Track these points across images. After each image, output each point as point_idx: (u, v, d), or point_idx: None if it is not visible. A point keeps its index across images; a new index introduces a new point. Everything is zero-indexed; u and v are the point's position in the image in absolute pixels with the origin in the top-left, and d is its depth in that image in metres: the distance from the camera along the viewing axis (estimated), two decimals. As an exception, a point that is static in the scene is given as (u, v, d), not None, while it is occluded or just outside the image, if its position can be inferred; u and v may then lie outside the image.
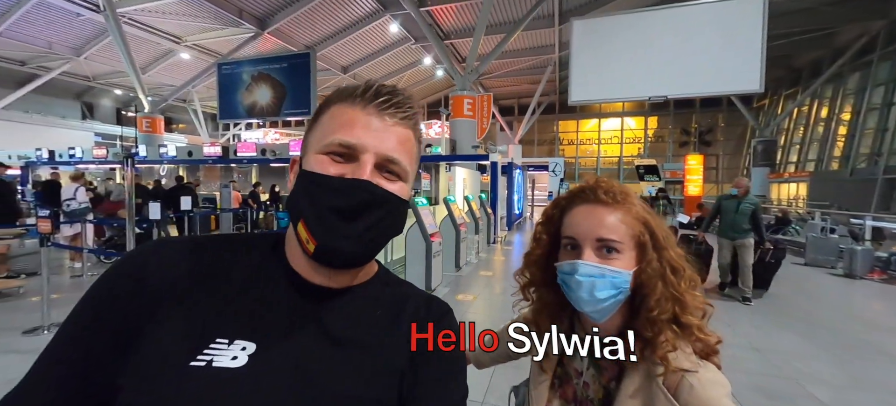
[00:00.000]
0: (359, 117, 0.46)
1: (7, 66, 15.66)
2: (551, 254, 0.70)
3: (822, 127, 18.32)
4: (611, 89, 9.41)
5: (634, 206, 0.65)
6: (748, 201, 4.63)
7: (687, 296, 0.62)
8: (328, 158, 0.45)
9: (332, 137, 0.45)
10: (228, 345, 0.42)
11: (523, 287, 0.76)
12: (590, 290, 0.62)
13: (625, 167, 27.36)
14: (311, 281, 0.48)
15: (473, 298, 4.68)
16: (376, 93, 0.47)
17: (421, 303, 0.54)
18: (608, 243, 0.62)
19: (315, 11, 12.49)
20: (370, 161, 0.46)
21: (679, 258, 0.65)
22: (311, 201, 0.45)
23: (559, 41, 15.62)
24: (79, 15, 11.46)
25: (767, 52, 8.01)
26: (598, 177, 0.71)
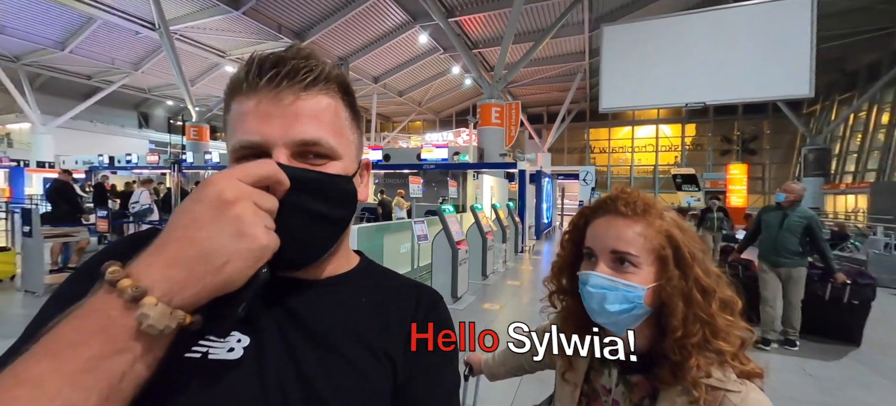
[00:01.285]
0: (251, 108, 0.39)
1: (76, 81, 17.36)
2: (575, 262, 0.70)
3: (883, 134, 16.79)
4: (644, 96, 9.12)
5: (658, 220, 0.62)
6: (799, 213, 3.36)
7: (719, 319, 0.58)
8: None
9: (233, 141, 0.40)
10: (223, 339, 0.39)
11: (550, 294, 0.76)
12: (600, 301, 0.61)
13: (661, 176, 26.24)
14: (301, 277, 0.45)
15: (500, 308, 4.64)
16: (259, 69, 0.39)
17: (410, 292, 0.51)
18: (623, 256, 0.61)
19: (348, 25, 12.99)
20: (282, 155, 0.39)
21: (711, 277, 0.60)
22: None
23: (589, 48, 15.34)
24: (137, 33, 12.56)
25: (818, 54, 7.50)
26: (622, 188, 0.70)
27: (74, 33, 13.16)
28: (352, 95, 0.47)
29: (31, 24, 12.44)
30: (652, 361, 0.61)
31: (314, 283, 0.46)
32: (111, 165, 15.83)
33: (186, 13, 11.95)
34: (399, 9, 12.52)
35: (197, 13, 11.85)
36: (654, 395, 0.61)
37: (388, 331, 0.46)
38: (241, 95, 0.40)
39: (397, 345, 0.46)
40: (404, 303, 0.49)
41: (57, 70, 16.34)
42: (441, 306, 0.52)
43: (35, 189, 13.70)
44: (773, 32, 7.70)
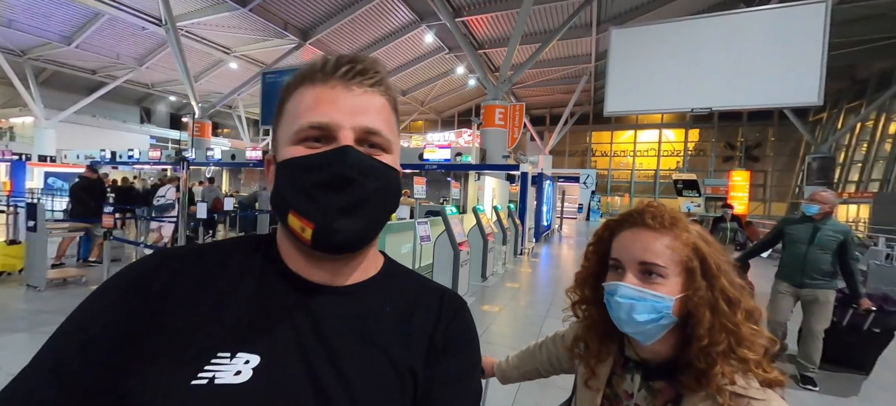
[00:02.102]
0: (325, 94, 0.43)
1: (80, 75, 17.42)
2: (600, 273, 0.72)
3: (889, 144, 16.68)
4: (650, 100, 9.06)
5: (685, 232, 0.65)
6: (833, 227, 2.90)
7: (743, 328, 0.60)
8: (302, 147, 0.42)
9: (301, 123, 0.42)
10: (231, 359, 0.38)
11: (574, 304, 0.78)
12: (629, 311, 0.63)
13: (661, 181, 26.16)
14: (313, 280, 0.45)
15: (499, 310, 4.60)
16: (337, 63, 0.44)
17: (433, 298, 0.50)
18: (651, 268, 0.63)
19: (354, 23, 12.99)
20: (349, 137, 0.42)
21: (735, 288, 0.63)
22: (295, 186, 0.42)
23: (596, 50, 15.29)
24: (143, 28, 12.58)
25: (828, 61, 7.43)
26: (650, 201, 0.72)
27: (81, 28, 13.20)
28: (396, 102, 0.51)
29: (39, 18, 12.49)
30: (676, 368, 0.64)
31: (337, 290, 0.46)
32: (113, 160, 15.87)
33: (193, 10, 11.97)
34: (406, 8, 12.51)
35: (204, 10, 11.87)
36: (676, 401, 0.63)
37: (410, 343, 0.46)
38: (313, 84, 0.44)
39: (419, 355, 0.45)
40: (427, 310, 0.49)
41: (62, 64, 16.40)
42: (464, 314, 0.52)
43: (36, 183, 13.74)
44: (785, 39, 7.62)
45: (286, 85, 0.46)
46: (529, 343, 1.00)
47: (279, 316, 0.42)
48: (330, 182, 0.41)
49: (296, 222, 0.42)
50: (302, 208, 0.42)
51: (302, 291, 0.44)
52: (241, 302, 0.42)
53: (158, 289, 0.41)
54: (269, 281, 0.44)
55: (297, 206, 0.42)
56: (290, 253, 0.46)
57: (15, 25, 12.74)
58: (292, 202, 0.42)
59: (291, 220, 0.42)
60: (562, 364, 0.91)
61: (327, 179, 0.41)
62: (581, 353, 0.76)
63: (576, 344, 0.78)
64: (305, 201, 0.41)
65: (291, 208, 0.42)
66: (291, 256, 0.46)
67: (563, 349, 0.88)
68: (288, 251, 0.46)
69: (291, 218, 0.42)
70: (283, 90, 0.46)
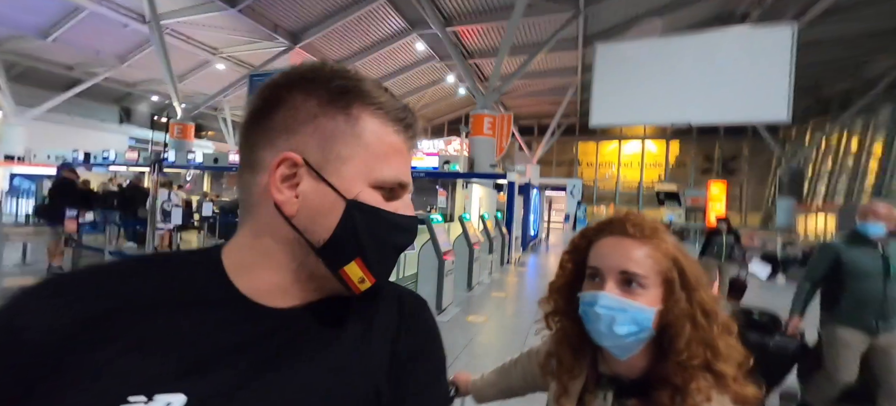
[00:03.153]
0: (404, 152, 0.44)
1: (56, 71, 16.76)
2: (575, 283, 0.69)
3: (852, 159, 17.63)
4: (633, 113, 9.37)
5: (664, 243, 0.63)
6: None
7: (720, 341, 0.59)
8: (381, 194, 0.42)
9: (390, 174, 0.42)
10: (147, 402, 0.32)
11: (547, 315, 0.75)
12: (609, 323, 0.60)
13: (645, 192, 26.87)
14: (270, 305, 0.40)
15: (485, 320, 4.64)
16: (416, 133, 0.45)
17: (392, 303, 0.47)
18: (632, 277, 0.61)
19: (346, 29, 12.98)
20: (408, 199, 0.45)
21: (712, 301, 0.62)
22: (378, 240, 0.41)
23: (582, 64, 15.68)
24: (126, 25, 12.24)
25: (795, 80, 7.86)
26: (629, 210, 0.71)
27: (59, 22, 12.74)
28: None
29: (14, 9, 11.99)
30: (649, 384, 0.62)
31: (291, 312, 0.41)
32: (86, 162, 15.24)
33: (180, 8, 11.73)
34: (398, 16, 12.58)
35: (191, 8, 11.65)
36: None
37: (371, 359, 0.43)
38: (396, 131, 0.43)
39: (382, 371, 0.42)
40: (387, 316, 0.46)
41: (37, 59, 15.75)
42: (425, 315, 0.49)
43: (0, 183, 13.05)
44: (755, 58, 8.03)
45: (355, 88, 0.40)
46: (515, 354, 0.97)
47: (215, 345, 0.36)
48: (403, 247, 0.43)
49: (357, 272, 0.40)
50: (373, 262, 0.40)
51: (251, 317, 0.39)
52: (163, 332, 0.36)
53: (34, 339, 0.33)
54: (207, 304, 0.38)
55: (371, 258, 0.40)
56: (254, 276, 0.40)
57: (-14, 17, 12.21)
58: (367, 252, 0.40)
59: (352, 268, 0.40)
60: (535, 381, 0.87)
61: (404, 244, 0.43)
62: (553, 370, 0.73)
63: (548, 360, 0.75)
64: (380, 257, 0.41)
65: (362, 258, 0.40)
66: (258, 280, 0.40)
67: (536, 366, 0.84)
68: (251, 274, 0.40)
69: (355, 266, 0.40)
70: (352, 95, 0.40)
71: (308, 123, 0.39)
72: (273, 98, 0.40)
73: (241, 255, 0.41)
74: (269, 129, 0.40)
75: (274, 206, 0.39)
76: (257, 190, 0.40)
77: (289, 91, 0.40)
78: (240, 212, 0.44)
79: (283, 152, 0.39)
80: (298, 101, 0.40)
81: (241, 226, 0.43)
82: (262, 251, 0.41)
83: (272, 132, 0.40)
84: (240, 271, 0.41)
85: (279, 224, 0.40)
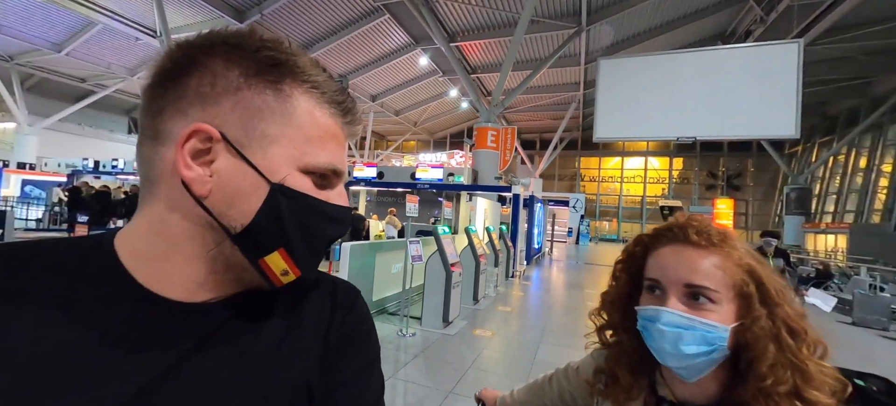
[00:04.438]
0: (340, 137, 0.40)
1: (69, 83, 17.13)
2: (632, 295, 0.62)
3: (860, 177, 17.50)
4: (637, 128, 9.38)
5: (735, 251, 0.56)
6: None
7: (811, 364, 0.51)
8: (311, 180, 0.37)
9: (323, 159, 0.37)
10: None
11: (599, 329, 0.68)
12: (674, 342, 0.54)
13: (648, 207, 26.73)
14: (180, 299, 0.35)
15: (491, 334, 4.54)
16: (355, 118, 0.41)
17: (324, 292, 0.45)
18: (700, 291, 0.54)
19: (351, 43, 13.22)
20: (341, 188, 0.41)
21: (799, 317, 0.54)
22: (305, 230, 0.37)
23: (584, 79, 15.84)
24: (137, 39, 12.54)
25: (802, 98, 7.87)
26: (690, 214, 0.62)
27: (73, 36, 13.08)
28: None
29: (30, 24, 12.34)
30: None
31: (209, 307, 0.36)
32: (96, 170, 15.44)
33: (189, 23, 12.02)
34: (402, 31, 12.81)
35: (200, 23, 11.93)
36: None
37: (301, 351, 0.39)
38: (332, 113, 0.39)
39: (313, 364, 0.40)
40: (319, 307, 0.43)
41: (50, 71, 16.13)
42: (359, 305, 0.46)
43: (12, 191, 13.22)
44: (762, 75, 8.07)
45: (286, 64, 0.36)
46: (523, 370, 0.92)
47: (110, 351, 0.31)
48: (333, 239, 0.40)
49: (279, 263, 0.36)
50: (299, 254, 0.37)
51: (164, 315, 0.34)
52: (49, 334, 0.31)
53: None
54: (98, 300, 0.33)
55: (295, 249, 0.36)
56: (158, 267, 0.35)
57: (4, 31, 12.55)
58: (291, 242, 0.36)
59: (274, 259, 0.36)
60: (576, 400, 0.79)
61: (334, 236, 0.39)
62: (605, 389, 0.66)
63: (597, 377, 0.68)
64: (306, 249, 0.37)
65: (285, 248, 0.36)
66: (164, 273, 0.35)
67: (577, 384, 0.77)
68: (154, 265, 0.35)
69: (276, 257, 0.36)
70: (283, 71, 0.36)
71: (229, 95, 0.34)
72: (186, 60, 0.35)
73: (139, 243, 0.36)
74: (179, 97, 0.34)
75: (181, 185, 0.34)
76: (161, 165, 0.35)
77: (206, 55, 0.35)
78: (140, 192, 0.38)
79: (195, 123, 0.33)
80: (218, 68, 0.34)
81: (139, 207, 0.37)
82: (167, 238, 0.35)
83: (182, 100, 0.34)
84: (139, 261, 0.35)
85: (188, 206, 0.34)
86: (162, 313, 0.34)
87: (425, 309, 4.59)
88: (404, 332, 4.11)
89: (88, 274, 0.34)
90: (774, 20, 11.09)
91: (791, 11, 10.77)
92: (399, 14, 11.82)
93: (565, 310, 6.19)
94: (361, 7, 11.52)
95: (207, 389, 0.34)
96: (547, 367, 3.45)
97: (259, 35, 0.36)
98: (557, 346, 4.29)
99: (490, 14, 11.61)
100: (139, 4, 10.94)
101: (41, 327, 0.31)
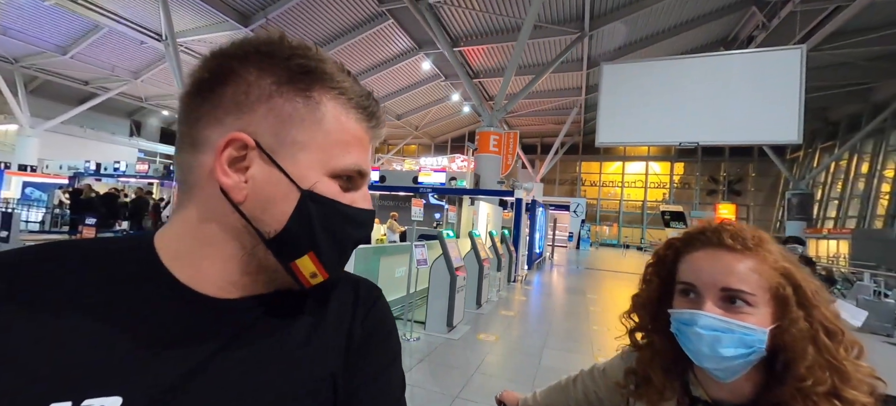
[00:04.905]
0: (365, 139, 0.41)
1: (72, 85, 17.20)
2: (664, 298, 0.63)
3: (862, 183, 17.50)
4: (640, 133, 9.39)
5: (771, 254, 0.56)
6: None
7: (848, 365, 0.52)
8: (337, 183, 0.39)
9: (349, 162, 0.39)
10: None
11: (631, 331, 0.69)
12: (712, 344, 0.54)
13: (649, 212, 26.70)
14: (219, 296, 0.37)
15: (495, 339, 4.52)
16: (380, 121, 0.42)
17: (347, 289, 0.46)
18: (736, 294, 0.54)
19: (354, 47, 13.28)
20: (366, 190, 0.42)
21: (835, 318, 0.55)
22: (333, 234, 0.38)
23: (586, 84, 15.88)
24: (142, 42, 12.60)
25: (804, 103, 7.88)
26: (723, 218, 0.64)
27: (78, 39, 13.15)
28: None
29: (35, 27, 12.41)
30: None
31: (242, 303, 0.38)
32: (97, 172, 15.46)
33: (195, 27, 12.09)
34: (406, 36, 12.87)
35: (205, 27, 12.00)
36: None
37: (327, 345, 0.41)
38: (358, 118, 0.40)
39: (338, 357, 0.41)
40: (342, 304, 0.45)
41: (54, 74, 16.20)
42: (381, 303, 0.48)
43: (13, 192, 13.23)
44: (765, 80, 8.09)
45: (316, 70, 0.37)
46: (529, 375, 0.91)
47: (153, 340, 0.33)
48: (358, 241, 0.41)
49: (309, 266, 0.37)
50: (328, 257, 0.38)
51: (198, 310, 0.36)
52: (91, 327, 0.32)
53: None
54: (144, 297, 0.35)
55: (325, 253, 0.38)
56: (196, 266, 0.37)
57: (9, 33, 12.61)
58: (321, 246, 0.38)
59: (304, 262, 0.37)
60: (602, 402, 0.80)
61: (359, 239, 0.41)
62: (636, 390, 0.67)
63: (628, 378, 0.69)
64: (335, 252, 0.39)
65: (315, 252, 0.37)
66: (201, 271, 0.37)
67: (605, 385, 0.77)
68: (194, 264, 0.37)
69: (307, 260, 0.37)
70: (312, 78, 0.37)
71: (262, 103, 0.36)
72: (222, 70, 0.36)
73: (180, 243, 0.38)
74: (215, 106, 0.36)
75: (220, 191, 0.36)
76: (200, 172, 0.36)
77: (241, 63, 0.36)
78: (178, 195, 0.40)
79: (231, 132, 0.35)
80: (252, 77, 0.36)
81: (178, 210, 0.39)
82: (206, 239, 0.37)
83: (218, 109, 0.36)
84: (179, 260, 0.37)
85: (226, 211, 0.36)
86: (201, 308, 0.36)
87: (429, 313, 4.58)
88: (408, 337, 4.10)
89: (130, 271, 0.36)
90: (777, 26, 11.12)
91: (793, 18, 10.81)
92: (403, 19, 11.88)
93: (568, 315, 6.16)
94: (365, 12, 11.59)
95: (241, 380, 0.35)
96: (552, 372, 3.41)
97: (288, 42, 0.37)
98: (562, 350, 4.27)
99: (493, 19, 11.66)
100: (145, 8, 11.01)
101: (85, 321, 0.32)
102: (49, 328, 0.31)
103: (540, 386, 0.91)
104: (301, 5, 10.98)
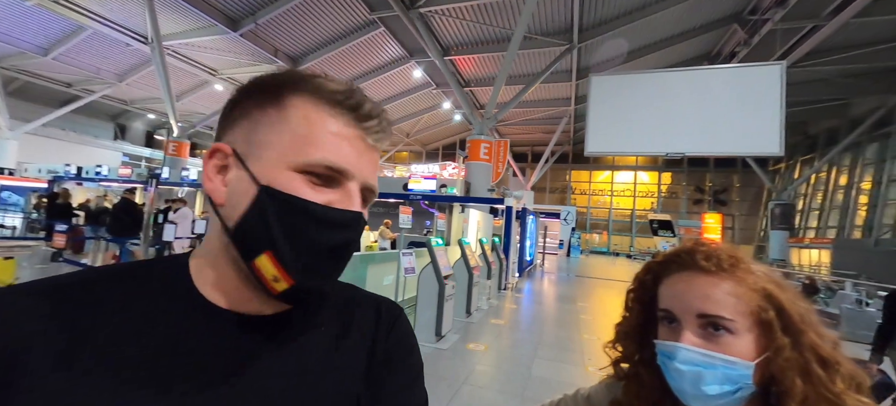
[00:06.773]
0: (347, 135, 0.38)
1: (54, 87, 16.77)
2: (647, 326, 0.59)
3: (841, 194, 18.05)
4: (628, 143, 9.53)
5: (750, 275, 0.51)
6: None
7: (848, 399, 0.46)
8: (304, 179, 0.37)
9: (316, 156, 0.37)
10: None
11: (615, 362, 0.64)
12: (694, 382, 0.49)
13: (638, 221, 27.07)
14: (237, 311, 0.38)
15: (485, 348, 4.47)
16: (368, 114, 0.40)
17: (369, 309, 0.47)
18: (715, 320, 0.49)
19: (345, 54, 13.26)
20: (357, 191, 0.39)
21: (829, 345, 0.49)
22: (294, 233, 0.36)
23: (575, 94, 16.12)
24: (128, 45, 12.38)
25: (785, 117, 8.11)
26: (697, 238, 0.59)
27: (61, 40, 12.86)
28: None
29: (15, 27, 12.10)
30: None
31: (266, 320, 0.39)
32: (78, 176, 15.03)
33: (182, 30, 11.93)
34: (397, 44, 12.91)
35: (193, 31, 11.85)
36: None
37: (349, 365, 0.42)
38: (332, 112, 0.39)
39: (359, 376, 0.42)
40: (364, 323, 0.45)
41: (35, 75, 15.78)
42: (403, 322, 0.48)
43: (-10, 196, 12.75)
44: (747, 94, 8.34)
45: (279, 81, 0.39)
46: (519, 386, 0.85)
47: (190, 357, 0.35)
48: (334, 248, 0.37)
49: (269, 268, 0.35)
50: (287, 259, 0.35)
51: (222, 326, 0.37)
52: (134, 345, 0.34)
53: (8, 347, 0.31)
54: (177, 314, 0.37)
55: (283, 254, 0.35)
56: (214, 282, 0.39)
57: (-11, 34, 12.28)
58: (277, 245, 0.35)
59: (263, 263, 0.35)
60: None
61: (334, 242, 0.37)
62: None
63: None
64: (294, 254, 0.36)
65: (272, 251, 0.35)
66: (215, 285, 0.39)
67: None
68: (210, 279, 0.39)
69: (265, 260, 0.35)
70: (273, 84, 0.39)
71: (243, 118, 0.39)
72: (230, 102, 0.41)
73: (200, 259, 0.40)
74: (221, 128, 0.41)
75: (209, 199, 0.39)
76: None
77: (239, 94, 0.41)
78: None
79: (214, 143, 0.40)
80: (244, 100, 0.40)
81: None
82: (212, 250, 0.40)
83: (221, 129, 0.41)
84: (201, 276, 0.40)
85: (216, 217, 0.39)
86: (220, 324, 0.38)
87: (418, 322, 4.51)
88: (396, 347, 4.02)
89: (166, 290, 0.38)
90: (757, 43, 11.49)
91: (774, 35, 11.19)
92: (394, 27, 11.92)
93: (558, 323, 6.14)
94: (356, 19, 11.60)
95: (259, 396, 0.36)
96: (542, 382, 3.36)
97: (285, 74, 0.41)
98: (552, 360, 4.23)
99: (484, 30, 11.79)
100: (131, 11, 10.83)
101: (134, 339, 0.34)
102: (91, 350, 0.33)
103: (530, 397, 0.86)
104: (291, 11, 10.93)
